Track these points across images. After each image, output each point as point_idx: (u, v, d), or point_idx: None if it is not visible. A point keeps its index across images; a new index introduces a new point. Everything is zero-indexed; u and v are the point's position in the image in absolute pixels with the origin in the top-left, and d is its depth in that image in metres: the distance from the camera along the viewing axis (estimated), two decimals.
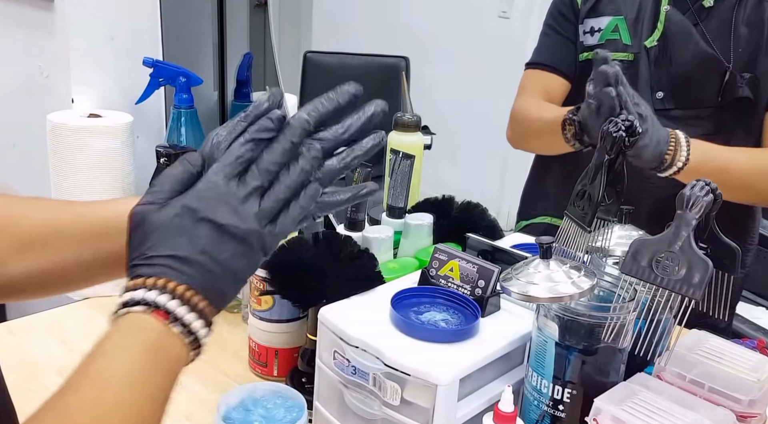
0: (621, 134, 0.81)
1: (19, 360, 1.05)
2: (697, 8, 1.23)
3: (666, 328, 0.74)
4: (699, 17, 1.23)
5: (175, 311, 0.51)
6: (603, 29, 1.29)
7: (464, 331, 0.80)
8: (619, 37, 1.28)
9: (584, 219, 0.83)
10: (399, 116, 1.20)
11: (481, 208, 1.13)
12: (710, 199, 0.71)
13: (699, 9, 1.23)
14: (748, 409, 0.75)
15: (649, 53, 1.25)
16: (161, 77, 1.39)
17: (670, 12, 1.24)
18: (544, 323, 0.77)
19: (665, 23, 1.24)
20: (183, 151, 1.14)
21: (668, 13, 1.24)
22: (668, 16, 1.24)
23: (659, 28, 1.24)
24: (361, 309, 0.84)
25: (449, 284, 0.88)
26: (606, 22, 1.29)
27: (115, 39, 1.39)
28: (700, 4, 1.23)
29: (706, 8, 1.23)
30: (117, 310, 0.53)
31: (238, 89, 1.61)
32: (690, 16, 1.24)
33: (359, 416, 0.79)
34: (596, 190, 0.82)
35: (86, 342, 0.56)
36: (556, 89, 1.33)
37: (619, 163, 0.83)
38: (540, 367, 0.77)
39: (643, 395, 0.73)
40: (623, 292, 0.74)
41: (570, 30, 1.33)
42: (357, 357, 0.77)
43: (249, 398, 0.80)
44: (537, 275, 0.75)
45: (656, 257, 0.72)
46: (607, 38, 1.28)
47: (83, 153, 1.25)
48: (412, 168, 1.10)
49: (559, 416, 0.77)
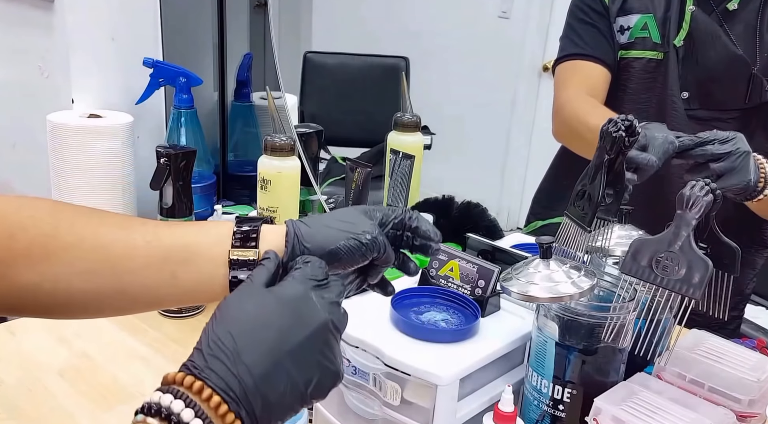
0: (621, 134, 0.81)
1: (19, 360, 1.05)
2: (721, 11, 1.22)
3: (666, 328, 0.74)
4: (724, 20, 1.22)
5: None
6: (632, 27, 1.28)
7: (464, 331, 0.80)
8: (648, 35, 1.26)
9: (584, 219, 0.83)
10: (399, 116, 1.20)
11: (481, 208, 1.13)
12: (710, 199, 0.71)
13: (723, 12, 1.22)
14: (748, 409, 0.75)
15: (678, 52, 1.24)
16: (161, 77, 1.39)
17: (695, 12, 1.23)
18: (544, 323, 0.77)
19: (691, 24, 1.23)
20: (183, 151, 1.14)
21: (693, 13, 1.23)
22: (694, 16, 1.23)
23: (685, 27, 1.23)
24: (361, 309, 0.84)
25: (449, 284, 0.88)
26: (635, 20, 1.27)
27: (115, 39, 1.39)
28: (724, 7, 1.22)
29: (731, 11, 1.22)
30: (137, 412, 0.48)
31: (238, 89, 1.61)
32: (714, 18, 1.23)
33: (359, 416, 0.79)
34: (596, 190, 0.82)
35: (86, 342, 0.55)
36: (599, 80, 1.30)
37: (619, 163, 0.83)
38: (540, 367, 0.77)
39: (643, 395, 0.73)
40: (623, 292, 0.74)
41: (605, 24, 1.30)
42: (357, 357, 0.78)
43: None
44: (537, 275, 0.75)
45: (656, 257, 0.72)
46: (637, 36, 1.27)
47: (83, 153, 1.25)
48: (412, 168, 1.10)
49: (559, 416, 0.77)
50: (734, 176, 0.90)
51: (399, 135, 1.19)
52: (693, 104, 1.24)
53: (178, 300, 0.64)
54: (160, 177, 1.13)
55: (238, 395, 0.48)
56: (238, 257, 0.61)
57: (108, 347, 1.08)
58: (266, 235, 0.62)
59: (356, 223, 0.63)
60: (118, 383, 0.99)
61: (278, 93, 1.52)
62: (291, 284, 0.55)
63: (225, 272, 0.61)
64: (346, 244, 0.61)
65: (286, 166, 1.17)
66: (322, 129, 1.56)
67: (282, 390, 0.50)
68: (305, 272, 0.56)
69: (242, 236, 0.61)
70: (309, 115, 2.99)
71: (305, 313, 0.53)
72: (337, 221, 0.63)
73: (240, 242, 0.61)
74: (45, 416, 0.93)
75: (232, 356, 0.49)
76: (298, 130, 1.46)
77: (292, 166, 1.18)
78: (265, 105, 1.56)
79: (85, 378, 1.01)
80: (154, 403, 0.47)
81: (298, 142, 1.26)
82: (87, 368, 1.03)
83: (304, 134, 1.50)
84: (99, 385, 0.98)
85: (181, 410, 0.46)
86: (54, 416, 0.93)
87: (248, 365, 0.49)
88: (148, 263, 0.61)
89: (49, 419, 0.93)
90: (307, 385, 0.51)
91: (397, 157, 1.10)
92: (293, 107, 1.72)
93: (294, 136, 1.27)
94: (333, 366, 0.53)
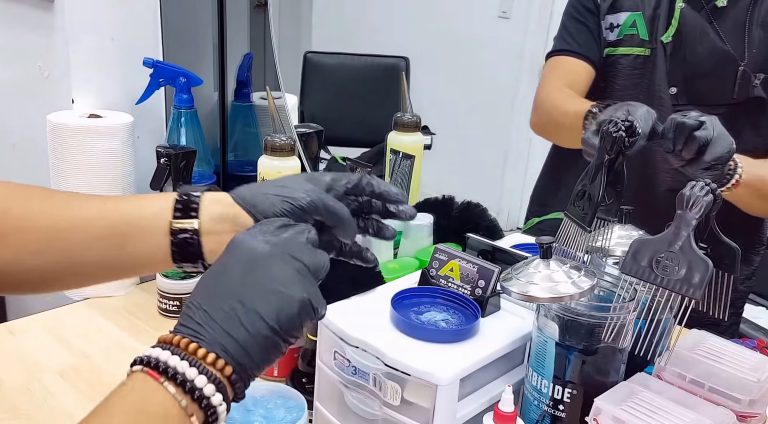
0: (621, 134, 0.81)
1: (19, 360, 1.05)
2: (710, 7, 1.24)
3: (666, 328, 0.74)
4: (713, 16, 1.24)
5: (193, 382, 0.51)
6: (621, 25, 1.30)
7: (464, 331, 0.80)
8: (636, 32, 1.29)
9: (584, 219, 0.83)
10: (399, 116, 1.20)
11: (481, 208, 1.13)
12: (710, 199, 0.71)
13: (713, 9, 1.24)
14: (748, 409, 0.75)
15: (665, 49, 1.26)
16: (161, 77, 1.39)
17: (684, 9, 1.25)
18: (544, 323, 0.77)
19: (680, 20, 1.25)
20: (183, 151, 1.14)
21: (683, 10, 1.25)
22: (683, 13, 1.25)
23: (674, 24, 1.25)
24: (362, 309, 0.84)
25: (449, 284, 0.88)
26: (624, 17, 1.30)
27: (115, 39, 1.39)
28: (713, 4, 1.24)
29: (720, 8, 1.24)
30: (133, 363, 0.52)
31: (238, 89, 1.61)
32: (704, 15, 1.25)
33: (359, 416, 0.79)
34: (596, 190, 0.82)
35: (86, 342, 0.57)
36: (581, 76, 1.33)
37: (619, 163, 0.83)
38: (540, 367, 0.77)
39: (643, 395, 0.73)
40: (623, 292, 0.74)
41: (593, 21, 1.33)
42: (357, 357, 0.77)
43: (249, 398, 0.80)
44: (537, 275, 0.75)
45: (656, 257, 0.72)
46: (626, 33, 1.30)
47: (83, 153, 1.25)
48: (412, 168, 1.10)
49: (560, 416, 0.77)
50: (719, 143, 0.89)
51: (399, 135, 1.19)
52: (681, 100, 1.25)
53: (128, 271, 0.68)
54: (160, 177, 1.13)
55: (207, 338, 0.52)
56: (178, 226, 0.64)
57: (108, 347, 1.08)
58: (209, 205, 0.65)
59: (293, 187, 0.66)
60: None
61: (278, 93, 1.51)
62: (238, 235, 0.59)
63: (168, 242, 0.64)
64: (281, 208, 0.64)
65: (286, 166, 1.17)
66: (322, 129, 1.56)
67: (246, 325, 0.53)
68: (256, 227, 0.60)
69: (182, 207, 0.65)
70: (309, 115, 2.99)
71: (246, 249, 0.57)
72: (275, 187, 0.66)
73: (181, 212, 0.65)
74: (45, 416, 0.93)
75: (196, 309, 0.54)
76: (298, 130, 1.46)
77: (292, 166, 1.17)
78: (265, 105, 1.56)
79: (85, 378, 1.01)
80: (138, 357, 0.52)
81: (298, 142, 1.26)
82: (87, 368, 1.03)
83: (304, 134, 1.50)
84: (99, 385, 0.98)
85: (159, 353, 0.51)
86: (54, 416, 0.93)
87: (208, 311, 0.53)
88: (95, 236, 0.64)
89: (49, 419, 0.93)
90: (269, 314, 0.54)
91: (397, 157, 1.10)
92: (293, 107, 1.71)
93: (294, 136, 1.27)
94: (288, 290, 0.55)
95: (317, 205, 0.65)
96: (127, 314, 1.19)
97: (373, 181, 0.70)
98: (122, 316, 1.18)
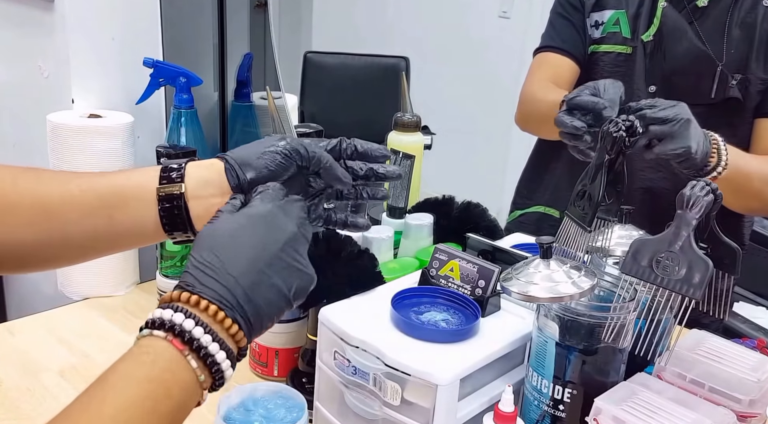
0: (621, 134, 0.81)
1: (19, 360, 1.05)
2: (692, 8, 1.26)
3: (666, 328, 0.74)
4: (693, 16, 1.26)
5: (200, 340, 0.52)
6: (605, 23, 1.32)
7: (464, 331, 0.80)
8: (619, 30, 1.30)
9: (584, 219, 0.83)
10: (399, 116, 1.20)
11: (481, 208, 1.13)
12: (710, 199, 0.71)
13: (693, 8, 1.26)
14: (748, 409, 0.75)
15: (645, 47, 1.28)
16: (161, 77, 1.39)
17: (666, 8, 1.26)
18: (544, 323, 0.77)
19: (661, 19, 1.26)
20: (183, 151, 1.14)
21: (665, 9, 1.26)
22: (664, 12, 1.26)
23: (655, 23, 1.27)
24: (362, 309, 0.84)
25: (449, 284, 0.88)
26: (608, 15, 1.32)
27: (115, 39, 1.39)
28: (694, 4, 1.25)
29: (700, 8, 1.25)
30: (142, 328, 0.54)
31: (238, 90, 1.61)
32: (685, 15, 1.26)
33: (359, 416, 0.79)
34: (596, 190, 0.82)
35: (86, 342, 0.57)
36: (566, 72, 1.34)
37: (619, 163, 0.83)
38: (540, 367, 0.77)
39: (643, 395, 0.73)
40: (623, 292, 0.74)
41: (579, 19, 1.35)
42: (357, 357, 0.77)
43: (249, 398, 0.80)
44: (537, 275, 0.75)
45: (656, 257, 0.72)
46: (609, 31, 1.32)
47: (83, 153, 1.25)
48: (412, 168, 1.10)
49: (560, 416, 0.77)
50: (672, 142, 0.90)
51: (399, 135, 1.19)
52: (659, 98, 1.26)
53: (122, 242, 0.70)
54: None
55: (231, 303, 0.54)
56: (164, 192, 0.66)
57: (108, 347, 1.08)
58: (196, 171, 0.67)
59: (275, 143, 0.69)
60: None
61: (278, 93, 1.51)
62: (259, 203, 0.61)
63: (156, 210, 0.66)
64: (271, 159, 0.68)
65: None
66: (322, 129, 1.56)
67: (268, 296, 0.56)
68: (268, 194, 0.62)
69: (167, 174, 0.67)
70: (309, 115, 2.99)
71: (277, 226, 0.59)
72: (258, 144, 0.70)
73: (166, 180, 0.66)
74: (45, 416, 0.93)
75: (220, 271, 0.55)
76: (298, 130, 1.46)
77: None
78: (265, 105, 1.56)
79: (85, 378, 1.01)
80: (157, 318, 0.53)
81: None
82: (87, 368, 1.02)
83: (304, 134, 1.50)
84: None
85: (183, 321, 0.52)
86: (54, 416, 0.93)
87: (236, 276, 0.55)
88: (85, 210, 0.66)
89: (49, 419, 0.93)
90: (290, 288, 0.58)
91: (397, 157, 1.10)
92: (293, 107, 1.71)
93: (294, 136, 1.27)
94: (308, 270, 0.60)
95: (299, 151, 0.69)
96: (127, 314, 1.19)
97: (355, 142, 0.73)
98: (122, 316, 1.18)
